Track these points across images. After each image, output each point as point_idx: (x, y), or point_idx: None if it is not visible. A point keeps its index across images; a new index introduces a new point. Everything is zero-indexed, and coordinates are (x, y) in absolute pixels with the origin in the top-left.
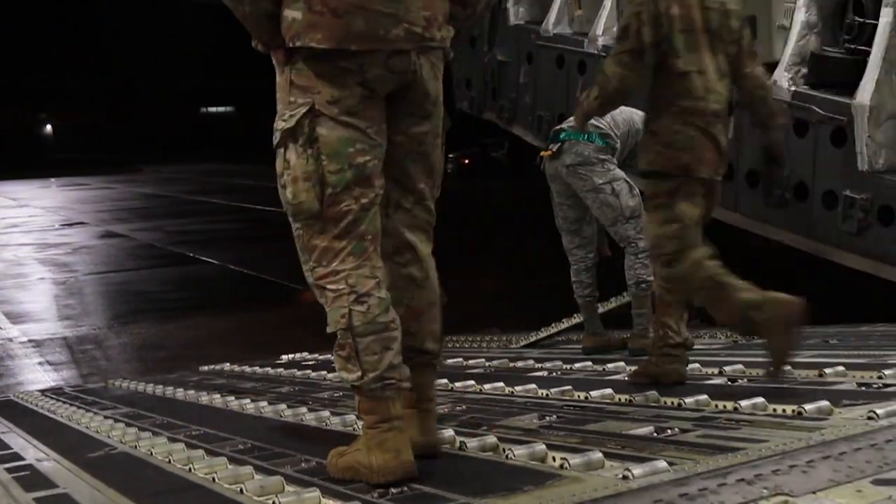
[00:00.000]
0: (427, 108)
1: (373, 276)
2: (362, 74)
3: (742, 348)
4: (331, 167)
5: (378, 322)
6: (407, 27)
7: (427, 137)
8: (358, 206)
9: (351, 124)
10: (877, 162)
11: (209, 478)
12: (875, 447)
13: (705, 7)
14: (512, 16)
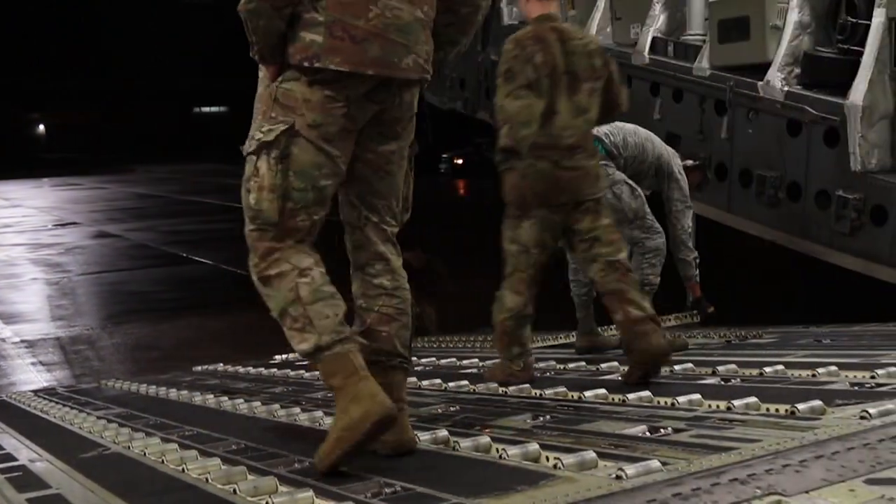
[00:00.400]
0: (397, 130)
1: (311, 256)
2: (346, 109)
3: (735, 348)
4: (296, 185)
5: (323, 290)
6: (415, 58)
7: (393, 156)
8: (310, 221)
9: (324, 150)
10: (869, 162)
11: (202, 478)
12: (868, 447)
13: (568, 52)
14: (505, 16)
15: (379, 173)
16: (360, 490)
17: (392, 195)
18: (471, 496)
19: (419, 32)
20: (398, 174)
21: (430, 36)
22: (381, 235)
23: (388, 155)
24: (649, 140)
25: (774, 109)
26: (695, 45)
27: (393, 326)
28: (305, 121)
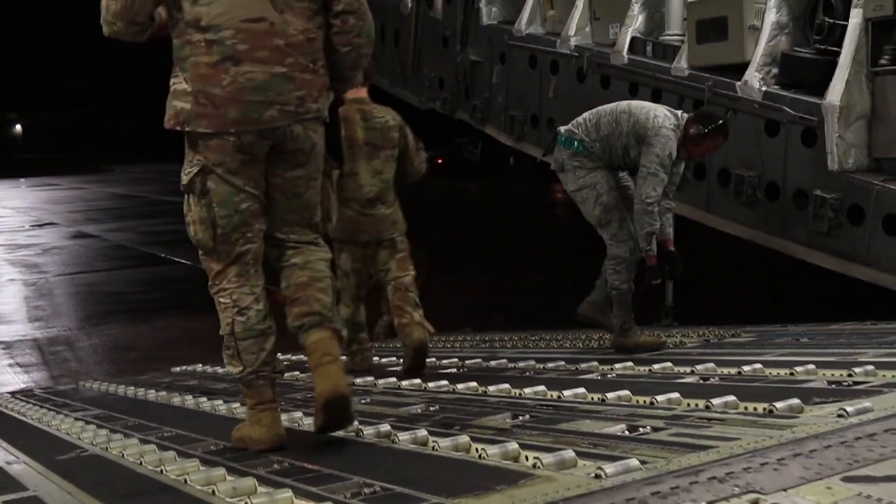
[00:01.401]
0: (300, 158)
1: (252, 293)
2: (240, 146)
3: (714, 347)
4: (220, 213)
5: (255, 329)
6: (279, 108)
7: (300, 181)
8: (243, 240)
9: (231, 182)
10: (847, 162)
11: (181, 479)
12: (845, 444)
13: (369, 127)
14: (484, 16)
15: (287, 195)
16: (340, 490)
17: (305, 211)
18: (450, 496)
19: (282, 85)
20: (307, 194)
21: (306, 80)
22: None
23: (295, 180)
24: (627, 112)
25: (752, 109)
26: (673, 45)
27: (308, 291)
28: (211, 161)
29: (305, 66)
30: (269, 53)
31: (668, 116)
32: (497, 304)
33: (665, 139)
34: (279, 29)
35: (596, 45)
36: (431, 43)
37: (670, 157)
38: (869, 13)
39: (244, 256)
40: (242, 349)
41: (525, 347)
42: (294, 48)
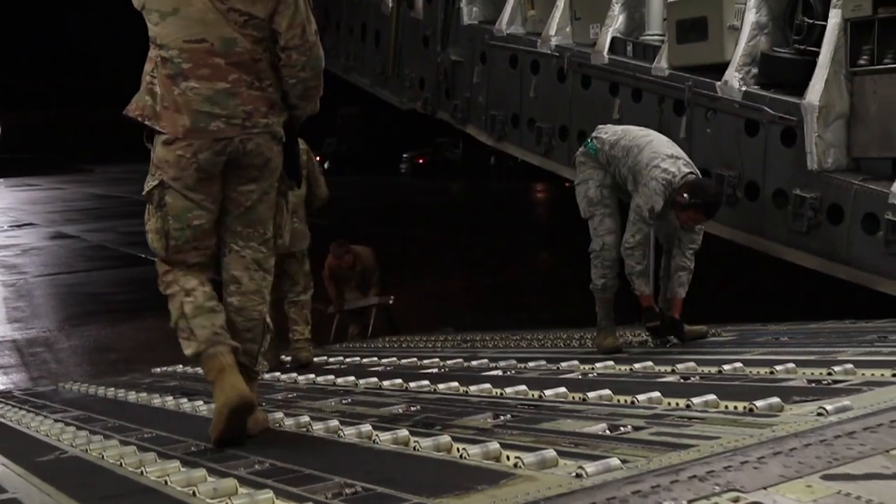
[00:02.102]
0: (253, 174)
1: (197, 279)
2: (197, 162)
3: (694, 346)
4: (174, 226)
5: (204, 306)
6: (226, 120)
7: (253, 195)
8: (194, 252)
9: (188, 197)
10: (826, 161)
11: (161, 481)
12: (824, 443)
13: None
14: (465, 16)
15: (240, 209)
16: (321, 490)
17: (258, 226)
18: (431, 496)
19: (227, 100)
20: (260, 208)
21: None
22: (241, 262)
23: (248, 194)
24: (639, 149)
25: (732, 109)
26: (653, 45)
27: (241, 338)
28: (169, 175)
29: (251, 83)
30: (211, 71)
31: (665, 172)
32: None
33: (651, 193)
34: (219, 49)
35: (576, 45)
36: (412, 43)
37: (651, 212)
38: (848, 13)
39: (193, 267)
40: (195, 326)
41: (506, 347)
42: (237, 66)
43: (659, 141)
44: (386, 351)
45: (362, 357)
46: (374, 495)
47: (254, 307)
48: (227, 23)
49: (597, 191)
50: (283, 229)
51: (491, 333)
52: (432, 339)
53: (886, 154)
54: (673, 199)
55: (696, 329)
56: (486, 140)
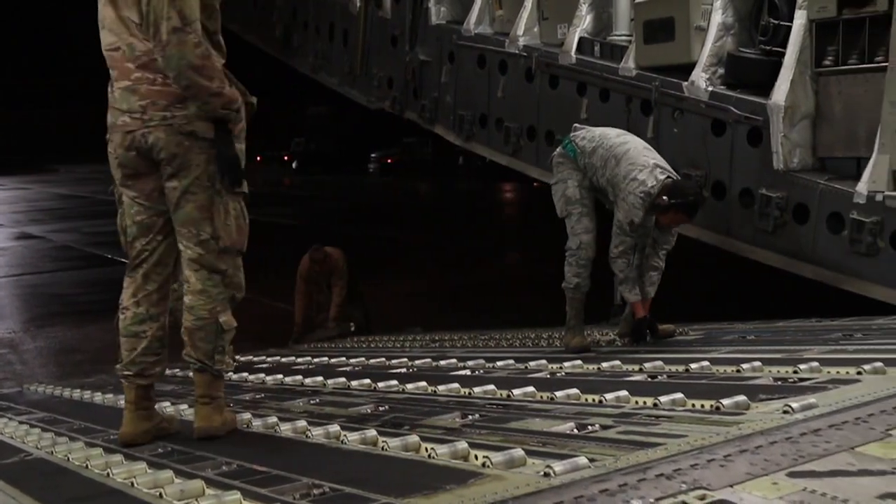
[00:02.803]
0: (168, 170)
1: (133, 297)
2: (116, 156)
3: (662, 345)
4: (127, 222)
5: (129, 329)
6: (129, 115)
7: (176, 192)
8: (141, 248)
9: (128, 194)
10: (792, 161)
11: (128, 482)
12: (790, 440)
13: None
14: (433, 15)
15: (173, 207)
16: (288, 491)
17: (190, 225)
18: (400, 496)
19: (129, 96)
20: (187, 207)
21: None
22: (186, 262)
23: (172, 191)
24: (617, 160)
25: (699, 109)
26: (621, 45)
27: (193, 338)
28: (113, 174)
29: (152, 79)
30: (120, 72)
31: (643, 185)
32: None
33: (629, 207)
34: (127, 54)
35: (544, 45)
36: (380, 42)
37: (632, 225)
38: (813, 14)
39: (141, 265)
40: (121, 343)
41: (475, 347)
42: (140, 67)
43: (636, 149)
44: (354, 351)
45: (330, 357)
46: (342, 496)
47: (201, 307)
48: (127, 29)
49: (575, 190)
50: (230, 230)
51: (459, 333)
52: (401, 339)
53: (851, 154)
54: (653, 203)
55: (664, 328)
56: (454, 140)
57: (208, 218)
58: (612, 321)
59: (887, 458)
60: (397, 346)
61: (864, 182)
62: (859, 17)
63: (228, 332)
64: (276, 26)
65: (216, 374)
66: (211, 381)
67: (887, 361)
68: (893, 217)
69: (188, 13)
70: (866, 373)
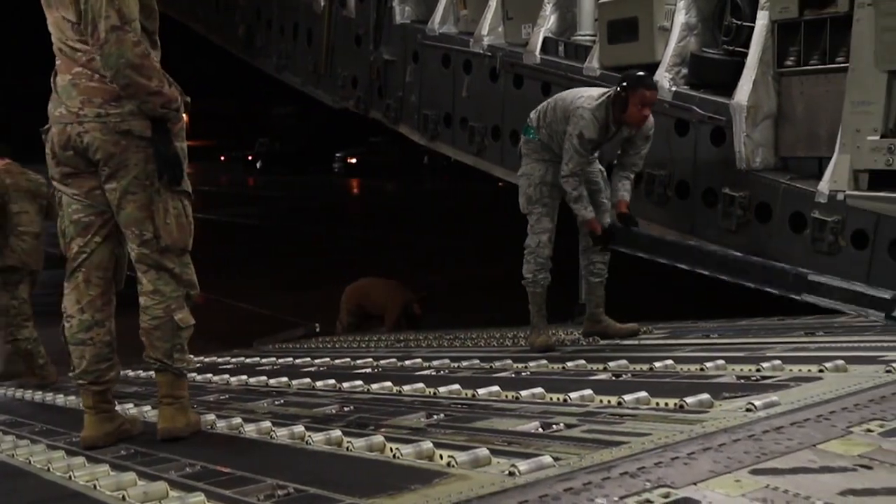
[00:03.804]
0: (106, 171)
1: (78, 303)
2: (52, 150)
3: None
4: (65, 222)
5: (76, 337)
6: (66, 107)
7: (115, 194)
8: (78, 249)
9: (66, 192)
10: (754, 161)
11: (90, 485)
12: (753, 438)
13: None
14: (398, 15)
15: (115, 208)
16: (253, 493)
17: (132, 225)
18: (364, 496)
19: (69, 90)
20: (128, 208)
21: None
22: (138, 260)
23: (112, 192)
24: (563, 97)
25: (663, 109)
26: (585, 45)
27: (150, 338)
28: (50, 174)
29: (91, 76)
30: (64, 66)
31: (590, 97)
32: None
33: (578, 119)
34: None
35: (509, 45)
36: (344, 42)
37: (582, 139)
38: (775, 15)
39: (80, 268)
40: (71, 351)
41: (440, 347)
42: (79, 64)
43: (578, 88)
44: (319, 351)
45: (295, 358)
46: (307, 496)
47: (155, 306)
48: (68, 27)
49: (536, 189)
50: (169, 229)
51: (424, 333)
52: (366, 338)
53: (813, 153)
54: (612, 104)
55: (628, 327)
56: (419, 139)
57: (149, 217)
58: (577, 320)
59: (848, 454)
60: (362, 347)
61: (825, 181)
62: (820, 18)
63: (185, 329)
64: (238, 26)
65: (177, 372)
66: (173, 381)
67: (848, 359)
68: (854, 216)
69: (126, 12)
70: (828, 371)
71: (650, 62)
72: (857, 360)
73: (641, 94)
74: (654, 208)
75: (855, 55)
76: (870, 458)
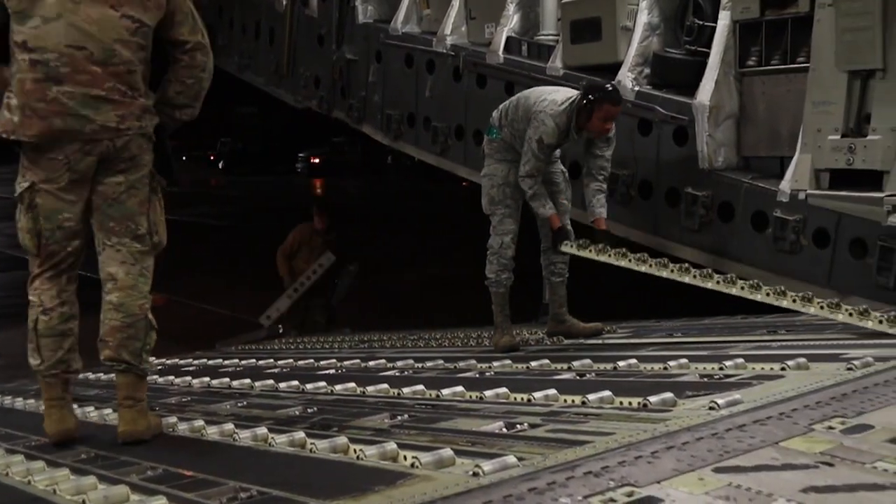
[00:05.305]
0: (121, 165)
1: (58, 297)
2: (68, 164)
3: (590, 343)
4: (45, 226)
5: (56, 329)
6: (101, 124)
7: (121, 187)
8: (63, 252)
9: (62, 198)
10: (716, 160)
11: (50, 489)
12: (716, 436)
13: None
14: (360, 14)
15: (108, 201)
16: (215, 496)
17: (128, 221)
18: (328, 498)
19: (101, 105)
20: (129, 202)
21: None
22: (117, 257)
23: (116, 186)
24: (525, 96)
25: (626, 109)
26: (548, 45)
27: (118, 337)
28: (40, 178)
29: (124, 91)
30: (89, 77)
31: (553, 103)
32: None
33: (539, 124)
34: (99, 57)
35: (472, 45)
36: (307, 41)
37: (541, 144)
38: (736, 15)
39: (61, 265)
40: (43, 345)
41: (404, 347)
42: (113, 76)
43: (539, 88)
44: (283, 353)
45: (258, 359)
46: (270, 499)
47: (132, 302)
48: (113, 32)
49: (499, 190)
50: (159, 226)
51: (388, 334)
52: (329, 339)
53: (775, 153)
54: (576, 112)
55: (592, 326)
56: (382, 139)
57: (145, 213)
58: (541, 320)
59: (810, 452)
60: (326, 347)
61: (787, 181)
62: (782, 18)
63: (154, 330)
64: None
65: (141, 374)
66: (135, 383)
67: (810, 357)
68: (816, 215)
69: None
70: (790, 368)
71: (613, 62)
72: (819, 357)
73: (606, 109)
74: (618, 208)
75: (816, 55)
76: (831, 456)
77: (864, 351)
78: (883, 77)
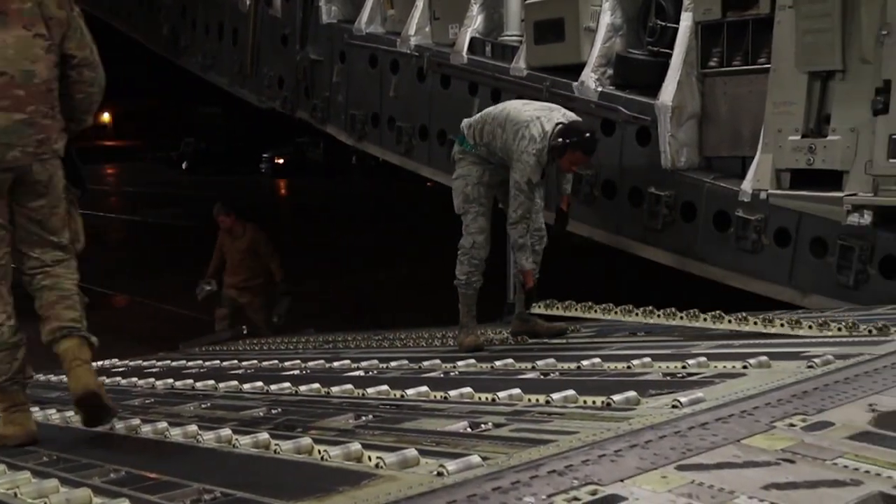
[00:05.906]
0: (40, 190)
1: (4, 311)
2: None
3: (554, 342)
4: None
5: (8, 343)
6: (21, 150)
7: (43, 210)
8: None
9: None
10: (679, 160)
11: (11, 493)
12: (679, 434)
13: None
14: (324, 14)
15: (33, 223)
16: (179, 498)
17: (52, 236)
18: (292, 499)
19: (23, 129)
20: (51, 220)
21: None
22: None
23: (39, 208)
24: (502, 125)
25: (589, 109)
26: (512, 45)
27: (56, 308)
28: None
29: (45, 112)
30: (11, 102)
31: (532, 141)
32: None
33: (524, 165)
34: (20, 81)
35: (436, 45)
36: (270, 41)
37: (530, 184)
38: (698, 16)
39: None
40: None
41: (368, 347)
42: (35, 97)
43: (514, 109)
44: (247, 353)
45: (222, 360)
46: (234, 500)
47: (65, 277)
48: (30, 52)
49: (474, 188)
50: (80, 233)
51: (353, 334)
52: (294, 340)
53: (736, 153)
54: (551, 147)
55: (556, 326)
56: (347, 139)
57: (66, 227)
58: (506, 319)
59: (772, 449)
60: (290, 348)
61: (748, 181)
62: (743, 20)
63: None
64: (163, 25)
65: (84, 336)
66: (80, 345)
67: (772, 355)
68: (777, 215)
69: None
70: (752, 367)
71: (576, 62)
72: (781, 356)
73: (578, 156)
74: (582, 207)
75: (776, 56)
76: (792, 453)
77: (825, 349)
78: (842, 78)
